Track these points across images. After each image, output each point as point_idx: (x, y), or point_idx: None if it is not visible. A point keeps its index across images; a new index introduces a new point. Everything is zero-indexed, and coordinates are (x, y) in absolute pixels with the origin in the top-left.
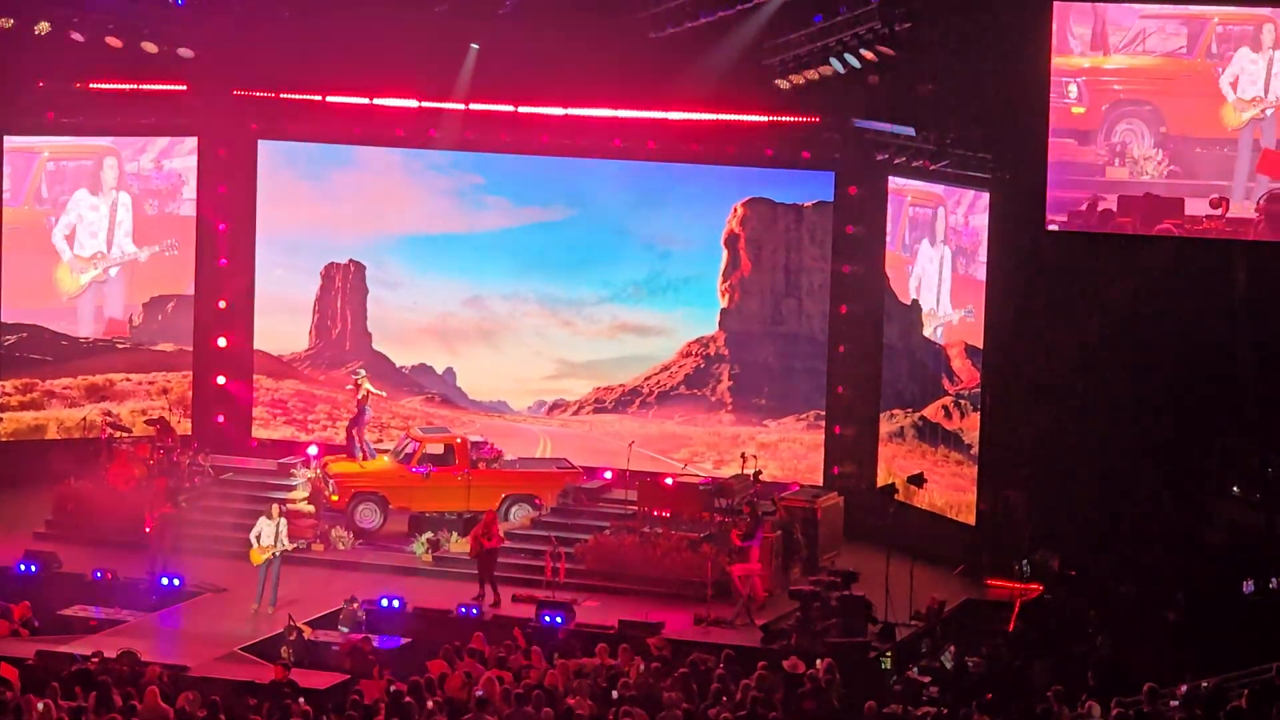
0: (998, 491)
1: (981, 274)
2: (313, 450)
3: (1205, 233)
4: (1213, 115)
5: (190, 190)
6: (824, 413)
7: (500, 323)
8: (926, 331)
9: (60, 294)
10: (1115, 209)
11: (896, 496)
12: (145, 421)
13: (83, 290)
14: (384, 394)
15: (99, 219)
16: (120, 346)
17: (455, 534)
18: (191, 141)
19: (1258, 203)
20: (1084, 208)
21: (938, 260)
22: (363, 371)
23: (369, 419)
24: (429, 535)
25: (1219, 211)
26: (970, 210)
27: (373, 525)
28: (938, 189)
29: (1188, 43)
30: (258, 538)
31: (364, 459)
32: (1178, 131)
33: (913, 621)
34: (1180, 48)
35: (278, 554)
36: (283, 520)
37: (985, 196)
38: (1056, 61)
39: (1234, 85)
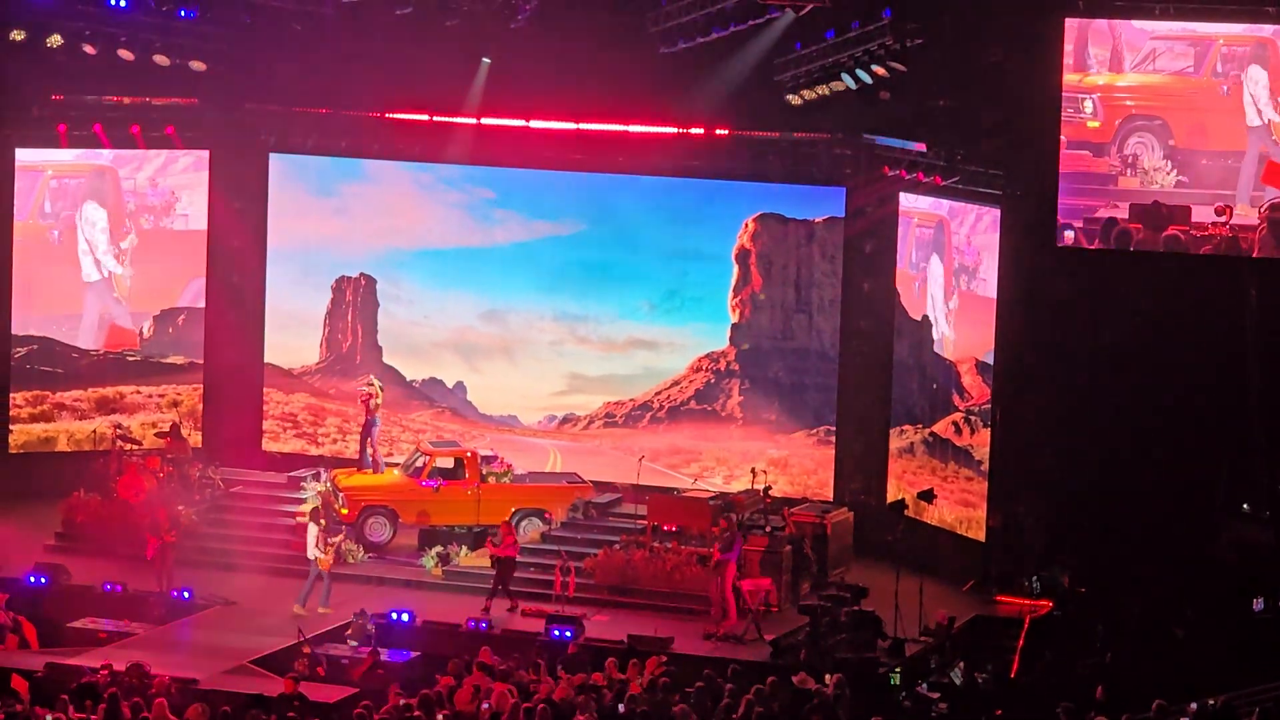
0: (1008, 508)
1: (982, 290)
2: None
3: (1211, 238)
4: (1218, 129)
5: (184, 206)
6: (834, 428)
7: (510, 337)
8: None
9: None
10: (1126, 216)
11: (906, 512)
12: (156, 434)
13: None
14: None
15: (109, 230)
16: (130, 359)
17: (465, 548)
18: (188, 158)
19: (1260, 210)
20: (1096, 214)
21: (941, 278)
22: (377, 382)
23: (379, 430)
24: (439, 549)
25: (1224, 219)
26: (972, 230)
27: (382, 539)
28: (941, 208)
29: (1194, 62)
30: (318, 546)
31: (374, 471)
32: (1185, 144)
33: (922, 637)
34: (1188, 67)
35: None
36: (323, 521)
37: (987, 215)
38: (1074, 79)
39: (1255, 101)
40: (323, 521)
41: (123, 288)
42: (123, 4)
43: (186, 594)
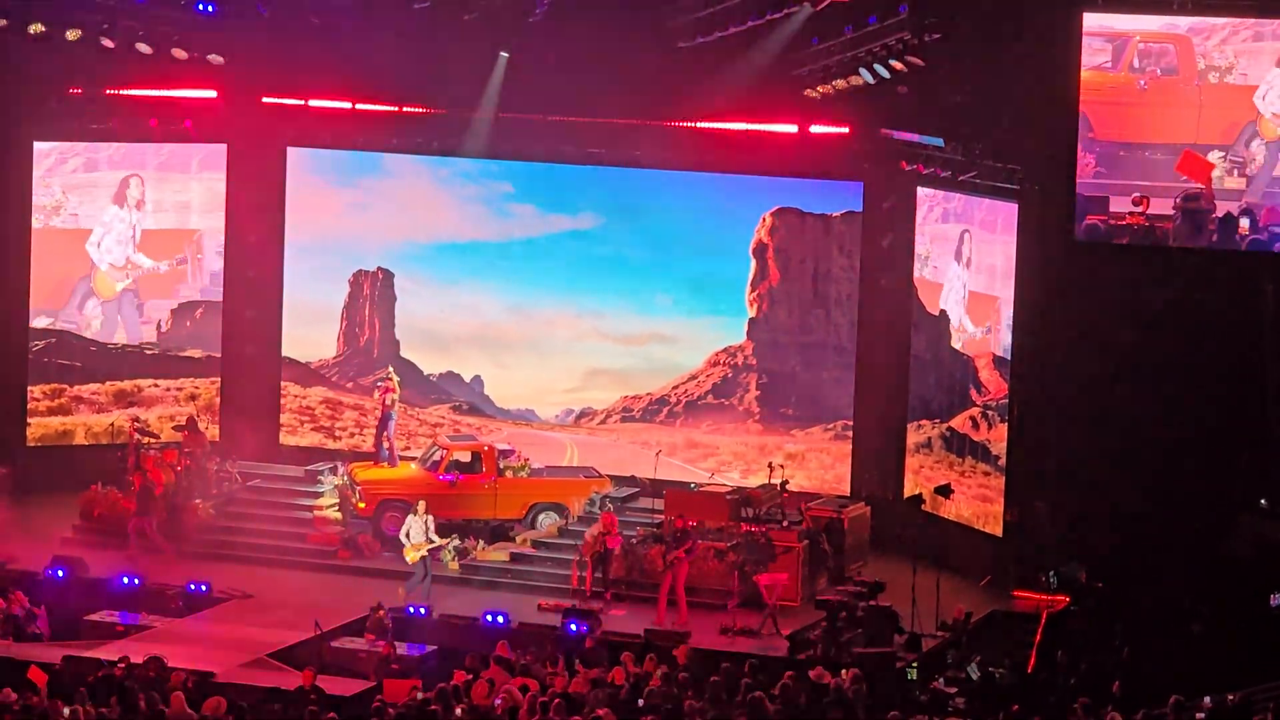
0: (1025, 503)
1: (987, 287)
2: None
3: (1128, 228)
4: (1134, 123)
5: (73, 205)
6: (851, 423)
7: (528, 331)
8: (953, 343)
9: (100, 298)
10: None
11: (923, 507)
12: (174, 427)
13: (117, 295)
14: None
15: (124, 230)
16: (149, 352)
17: (482, 542)
18: (78, 159)
19: (1174, 201)
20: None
21: (961, 279)
22: (395, 376)
23: (395, 424)
24: (456, 543)
25: (1140, 209)
26: (924, 220)
27: (399, 533)
28: (955, 203)
29: (1112, 57)
30: (408, 535)
31: (389, 464)
32: (1104, 136)
33: (939, 632)
34: (1105, 62)
35: (429, 549)
36: (430, 516)
37: (995, 213)
38: None
39: (1264, 99)
40: (425, 515)
41: (155, 282)
42: None
43: (204, 587)
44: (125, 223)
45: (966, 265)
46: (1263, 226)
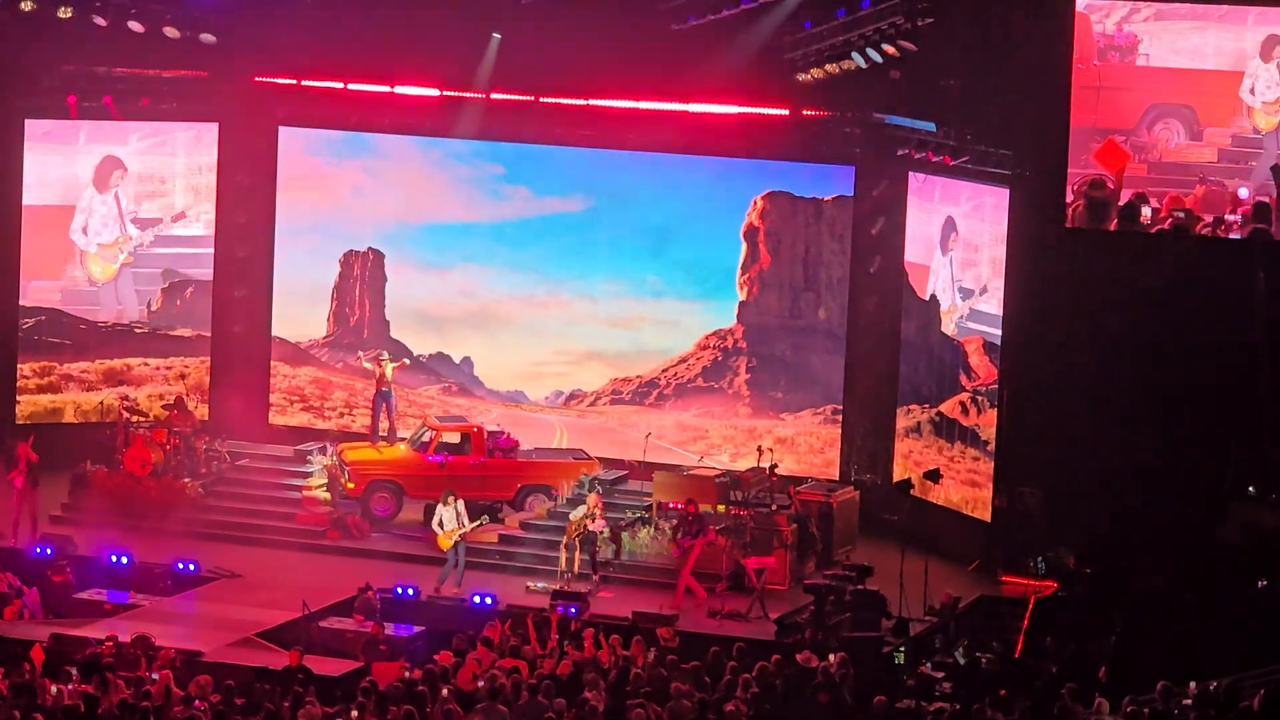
0: (1013, 488)
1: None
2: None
3: None
4: None
5: (189, 183)
6: (841, 407)
7: (518, 313)
8: (949, 328)
9: (97, 281)
10: None
11: (912, 492)
12: (163, 406)
13: (117, 274)
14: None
15: (108, 211)
16: (138, 331)
17: (486, 517)
18: (192, 137)
19: (1074, 188)
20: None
21: (947, 265)
22: (385, 354)
23: (395, 401)
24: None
25: None
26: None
27: (388, 513)
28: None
29: None
30: (440, 524)
31: (375, 442)
32: None
33: (927, 617)
34: None
35: (461, 535)
36: (460, 502)
37: (983, 201)
38: None
39: (1252, 92)
40: (455, 502)
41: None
42: None
43: (192, 566)
44: (107, 204)
45: (946, 252)
46: (1163, 217)
